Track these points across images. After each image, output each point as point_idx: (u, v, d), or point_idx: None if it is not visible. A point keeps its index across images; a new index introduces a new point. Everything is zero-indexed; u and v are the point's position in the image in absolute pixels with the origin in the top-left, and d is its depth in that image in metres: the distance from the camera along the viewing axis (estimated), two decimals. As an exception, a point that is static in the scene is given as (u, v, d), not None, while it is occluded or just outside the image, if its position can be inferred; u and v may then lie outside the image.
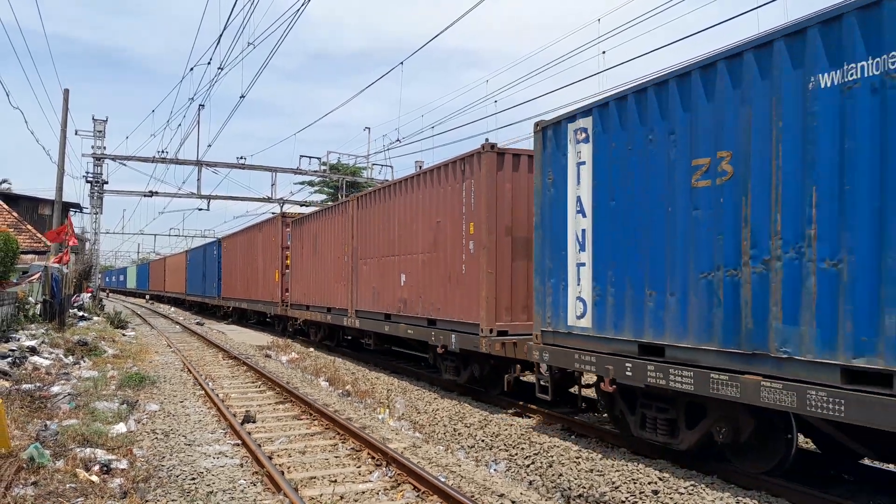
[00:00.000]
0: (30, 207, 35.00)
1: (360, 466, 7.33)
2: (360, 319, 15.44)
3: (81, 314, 26.44)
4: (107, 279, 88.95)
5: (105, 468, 6.63)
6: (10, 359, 12.44)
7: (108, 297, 58.31)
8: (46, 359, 13.56)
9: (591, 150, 7.71)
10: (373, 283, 14.71)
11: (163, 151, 31.67)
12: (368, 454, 7.67)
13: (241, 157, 32.74)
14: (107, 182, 32.65)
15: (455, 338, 10.91)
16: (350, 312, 16.07)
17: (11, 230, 25.40)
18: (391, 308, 13.72)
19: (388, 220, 13.97)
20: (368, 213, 15.14)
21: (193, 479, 6.70)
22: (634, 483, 6.42)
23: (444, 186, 11.50)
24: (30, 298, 21.42)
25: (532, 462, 7.50)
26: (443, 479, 6.55)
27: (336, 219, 17.49)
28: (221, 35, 17.14)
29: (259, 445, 7.92)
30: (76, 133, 32.83)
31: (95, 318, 26.60)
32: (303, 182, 38.76)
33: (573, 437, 8.49)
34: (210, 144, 79.09)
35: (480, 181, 10.33)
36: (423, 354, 13.85)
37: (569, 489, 6.59)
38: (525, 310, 10.09)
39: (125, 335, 22.44)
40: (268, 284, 24.15)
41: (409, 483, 6.59)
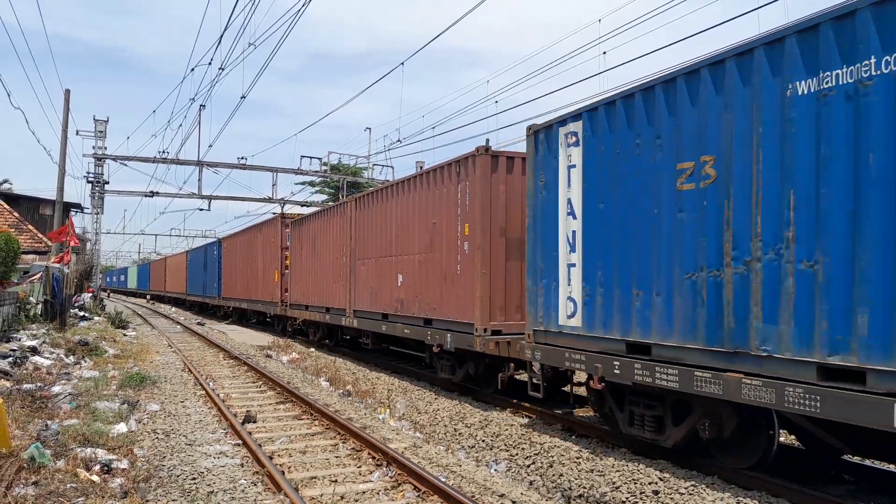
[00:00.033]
0: (31, 207, 34.88)
1: (361, 466, 7.34)
2: (358, 319, 15.62)
3: (82, 314, 26.48)
4: (108, 279, 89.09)
5: (106, 468, 6.63)
6: (11, 359, 12.37)
7: (109, 298, 58.48)
8: (47, 359, 13.47)
9: (582, 154, 7.89)
10: (370, 284, 14.89)
11: (164, 152, 31.75)
12: (369, 454, 7.68)
13: (242, 158, 32.84)
14: (108, 182, 32.82)
15: (450, 337, 11.09)
16: (348, 312, 16.25)
17: (12, 230, 25.45)
18: (388, 308, 13.90)
19: (386, 222, 14.15)
20: (366, 215, 15.32)
21: (194, 479, 6.72)
22: (635, 483, 6.44)
23: (440, 188, 11.68)
24: (31, 298, 21.29)
25: (532, 462, 7.50)
26: (443, 479, 6.56)
27: (334, 220, 17.67)
28: (222, 35, 17.32)
29: (260, 445, 7.93)
30: (77, 133, 33.02)
31: (96, 318, 26.66)
32: (304, 182, 38.85)
33: (574, 438, 8.49)
34: (211, 145, 79.53)
35: (475, 183, 10.51)
36: (421, 354, 14.03)
37: (569, 489, 6.60)
38: (519, 309, 10.27)
39: (126, 335, 22.47)
40: (267, 285, 24.32)
41: (410, 483, 6.59)
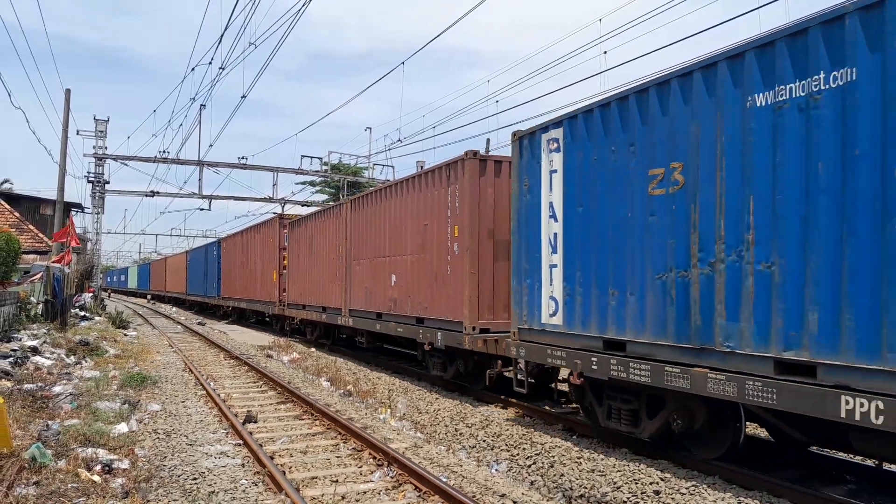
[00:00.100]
0: (31, 207, 35.02)
1: (362, 466, 7.34)
2: (354, 318, 15.98)
3: (83, 314, 26.60)
4: (108, 279, 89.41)
5: (107, 468, 6.63)
6: (12, 359, 12.34)
7: (110, 297, 58.75)
8: (48, 359, 13.44)
9: (562, 159, 8.24)
10: (365, 284, 15.24)
11: (164, 151, 31.84)
12: (370, 454, 7.69)
13: (243, 158, 32.82)
14: (108, 182, 32.89)
15: (441, 335, 11.45)
16: (344, 312, 16.61)
17: (13, 230, 25.68)
18: (382, 307, 14.26)
19: (380, 223, 14.50)
20: (361, 216, 15.67)
21: (195, 479, 6.73)
22: (636, 483, 6.49)
23: (431, 191, 12.03)
24: (31, 298, 21.26)
25: (533, 462, 7.53)
26: (444, 480, 6.57)
27: (331, 221, 18.02)
28: (223, 35, 17.52)
29: (261, 445, 7.94)
30: (77, 133, 33.11)
31: (97, 318, 26.79)
32: (304, 182, 39.03)
33: (574, 438, 8.53)
34: (211, 144, 79.62)
35: (464, 186, 10.86)
36: (414, 352, 14.39)
37: (570, 489, 6.63)
38: (506, 308, 10.61)
39: (127, 335, 22.54)
40: (266, 284, 24.67)
41: (411, 483, 6.60)
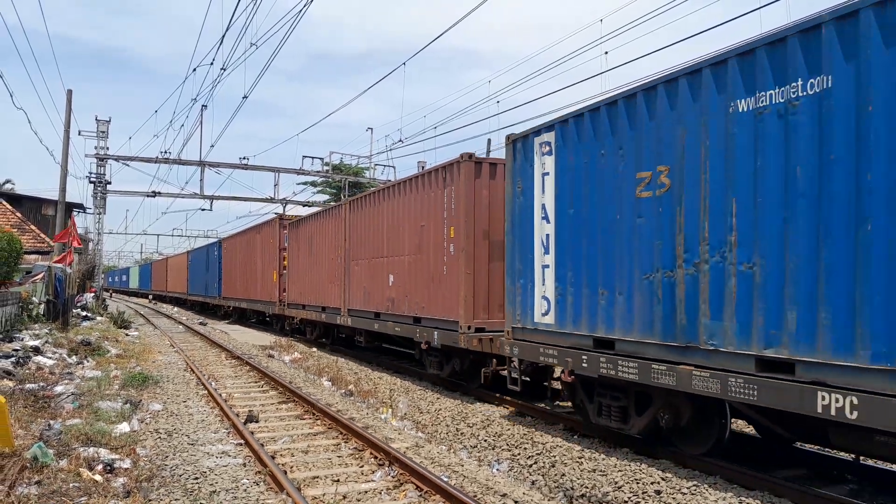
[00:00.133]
0: (33, 208, 35.11)
1: (363, 466, 7.35)
2: (352, 318, 16.17)
3: (85, 314, 26.70)
4: (110, 279, 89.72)
5: (108, 467, 6.63)
6: (14, 358, 12.34)
7: (112, 298, 59.02)
8: (50, 358, 13.42)
9: (554, 162, 8.43)
10: (363, 284, 15.44)
11: (166, 152, 31.99)
12: (371, 454, 7.70)
13: (244, 158, 32.83)
14: (110, 182, 32.98)
15: (437, 334, 11.64)
16: (343, 311, 16.80)
17: (15, 230, 25.78)
18: (380, 307, 14.45)
19: (378, 224, 14.70)
20: (360, 217, 15.87)
21: (196, 479, 6.74)
22: (637, 483, 6.51)
23: (428, 192, 12.22)
24: (33, 298, 21.33)
25: (535, 462, 7.55)
26: (445, 479, 6.58)
27: (330, 222, 18.22)
28: (224, 36, 17.73)
29: (262, 445, 7.96)
30: (79, 133, 33.32)
31: (99, 318, 26.87)
32: (305, 182, 39.17)
33: (576, 438, 8.54)
34: (213, 145, 79.96)
35: (459, 188, 11.06)
36: (411, 351, 14.58)
37: (571, 489, 6.64)
38: (500, 308, 10.79)
39: (128, 335, 22.61)
40: (266, 284, 24.87)
41: (412, 483, 6.61)
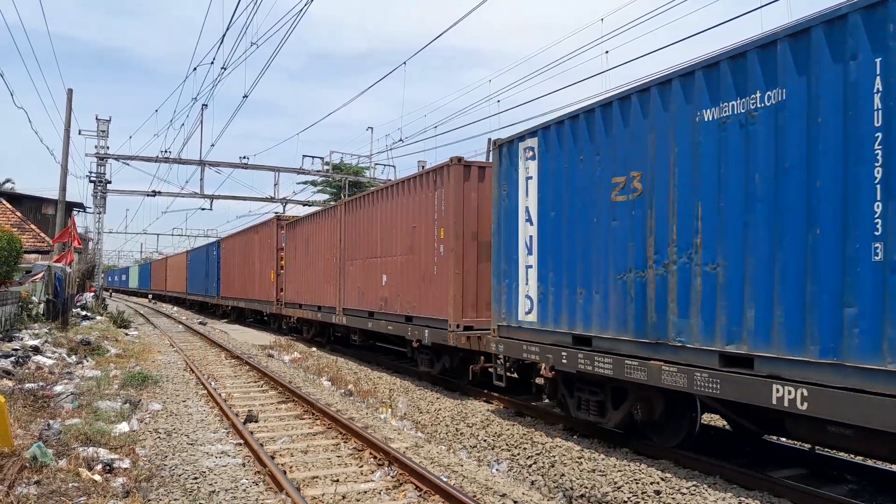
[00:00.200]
0: (33, 207, 35.19)
1: (363, 466, 7.37)
2: (347, 317, 16.52)
3: (84, 314, 26.88)
4: (110, 279, 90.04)
5: (108, 467, 6.64)
6: (14, 358, 12.35)
7: (111, 297, 59.26)
8: (49, 358, 13.45)
9: (537, 167, 8.77)
10: (358, 283, 15.79)
11: (166, 151, 32.24)
12: (370, 454, 7.71)
13: (244, 157, 32.99)
14: (110, 182, 33.21)
15: (428, 332, 11.99)
16: (338, 310, 17.15)
17: (15, 230, 25.92)
18: (374, 306, 14.80)
19: (372, 225, 15.05)
20: (354, 218, 16.22)
21: (196, 479, 6.75)
22: (636, 483, 6.53)
23: (419, 194, 12.57)
24: (33, 298, 21.42)
25: (534, 462, 7.56)
26: (445, 479, 6.59)
27: (326, 222, 18.57)
28: (224, 35, 17.82)
29: (261, 445, 7.97)
30: (79, 133, 33.50)
31: (98, 318, 27.03)
32: (306, 182, 39.50)
33: (575, 438, 8.56)
34: (213, 144, 79.43)
35: (449, 191, 11.40)
36: (403, 349, 14.92)
37: (571, 489, 6.66)
38: (488, 307, 11.10)
39: (128, 335, 22.70)
40: (264, 284, 25.21)
41: (412, 483, 6.63)
